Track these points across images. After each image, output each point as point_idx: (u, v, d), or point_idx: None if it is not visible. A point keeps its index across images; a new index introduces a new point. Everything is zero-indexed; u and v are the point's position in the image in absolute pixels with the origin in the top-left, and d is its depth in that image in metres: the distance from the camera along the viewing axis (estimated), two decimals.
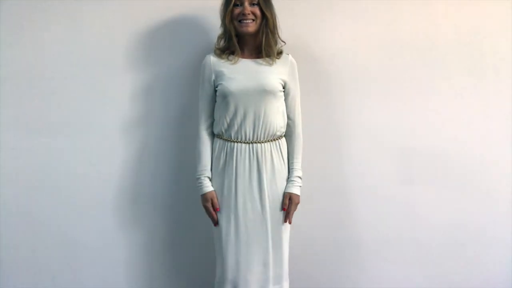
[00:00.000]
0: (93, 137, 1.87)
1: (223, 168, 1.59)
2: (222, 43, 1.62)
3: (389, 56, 1.88)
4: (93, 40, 1.83)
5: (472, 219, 1.94)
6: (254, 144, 1.57)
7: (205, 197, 1.60)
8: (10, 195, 1.87)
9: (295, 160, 1.65)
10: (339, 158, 1.92)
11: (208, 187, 1.60)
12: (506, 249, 1.95)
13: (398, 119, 1.90)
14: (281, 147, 1.62)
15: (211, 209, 1.59)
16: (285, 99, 1.63)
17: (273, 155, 1.59)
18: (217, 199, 1.60)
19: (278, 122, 1.60)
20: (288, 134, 1.67)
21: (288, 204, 1.60)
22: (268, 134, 1.58)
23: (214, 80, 1.60)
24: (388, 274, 1.97)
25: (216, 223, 1.61)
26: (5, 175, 1.86)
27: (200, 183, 1.61)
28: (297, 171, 1.63)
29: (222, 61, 1.59)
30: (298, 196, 1.62)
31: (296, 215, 1.64)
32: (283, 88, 1.61)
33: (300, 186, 1.64)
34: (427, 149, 1.91)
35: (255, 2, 1.53)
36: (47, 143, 1.86)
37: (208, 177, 1.62)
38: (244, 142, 1.57)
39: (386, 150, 1.92)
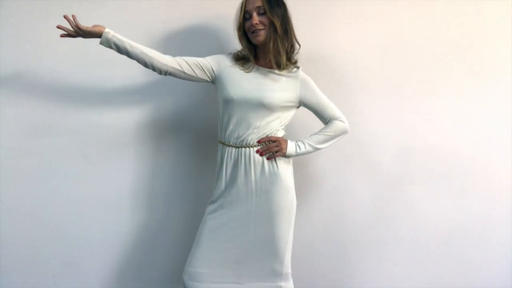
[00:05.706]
0: (93, 137, 1.87)
1: (219, 170, 1.62)
2: (243, 51, 1.63)
3: (390, 56, 1.88)
4: (94, 39, 1.83)
5: (472, 219, 1.94)
6: (242, 148, 1.57)
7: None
8: (10, 195, 1.87)
9: (318, 134, 1.62)
10: (339, 157, 1.92)
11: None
12: (506, 249, 1.95)
13: (399, 119, 1.90)
14: None
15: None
16: (311, 109, 1.63)
17: (264, 159, 1.57)
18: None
19: (274, 134, 1.59)
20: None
21: (269, 142, 1.56)
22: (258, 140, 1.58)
23: (217, 74, 1.60)
24: (388, 274, 1.97)
25: None
26: (5, 175, 1.86)
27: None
28: (311, 140, 1.61)
29: (237, 66, 1.60)
30: (285, 151, 1.57)
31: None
32: (296, 103, 1.60)
33: (297, 151, 1.59)
34: (427, 149, 1.91)
35: (263, 12, 1.53)
36: (47, 143, 1.86)
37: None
38: (234, 146, 1.57)
39: (386, 150, 1.92)
